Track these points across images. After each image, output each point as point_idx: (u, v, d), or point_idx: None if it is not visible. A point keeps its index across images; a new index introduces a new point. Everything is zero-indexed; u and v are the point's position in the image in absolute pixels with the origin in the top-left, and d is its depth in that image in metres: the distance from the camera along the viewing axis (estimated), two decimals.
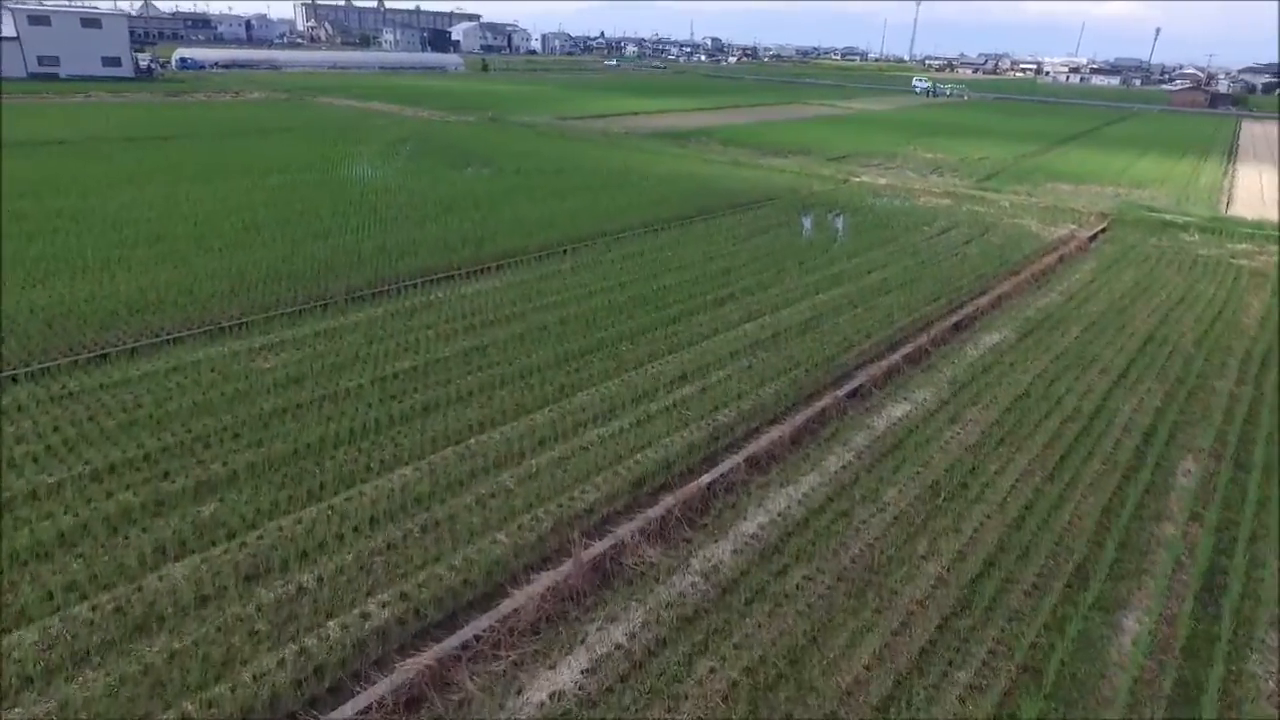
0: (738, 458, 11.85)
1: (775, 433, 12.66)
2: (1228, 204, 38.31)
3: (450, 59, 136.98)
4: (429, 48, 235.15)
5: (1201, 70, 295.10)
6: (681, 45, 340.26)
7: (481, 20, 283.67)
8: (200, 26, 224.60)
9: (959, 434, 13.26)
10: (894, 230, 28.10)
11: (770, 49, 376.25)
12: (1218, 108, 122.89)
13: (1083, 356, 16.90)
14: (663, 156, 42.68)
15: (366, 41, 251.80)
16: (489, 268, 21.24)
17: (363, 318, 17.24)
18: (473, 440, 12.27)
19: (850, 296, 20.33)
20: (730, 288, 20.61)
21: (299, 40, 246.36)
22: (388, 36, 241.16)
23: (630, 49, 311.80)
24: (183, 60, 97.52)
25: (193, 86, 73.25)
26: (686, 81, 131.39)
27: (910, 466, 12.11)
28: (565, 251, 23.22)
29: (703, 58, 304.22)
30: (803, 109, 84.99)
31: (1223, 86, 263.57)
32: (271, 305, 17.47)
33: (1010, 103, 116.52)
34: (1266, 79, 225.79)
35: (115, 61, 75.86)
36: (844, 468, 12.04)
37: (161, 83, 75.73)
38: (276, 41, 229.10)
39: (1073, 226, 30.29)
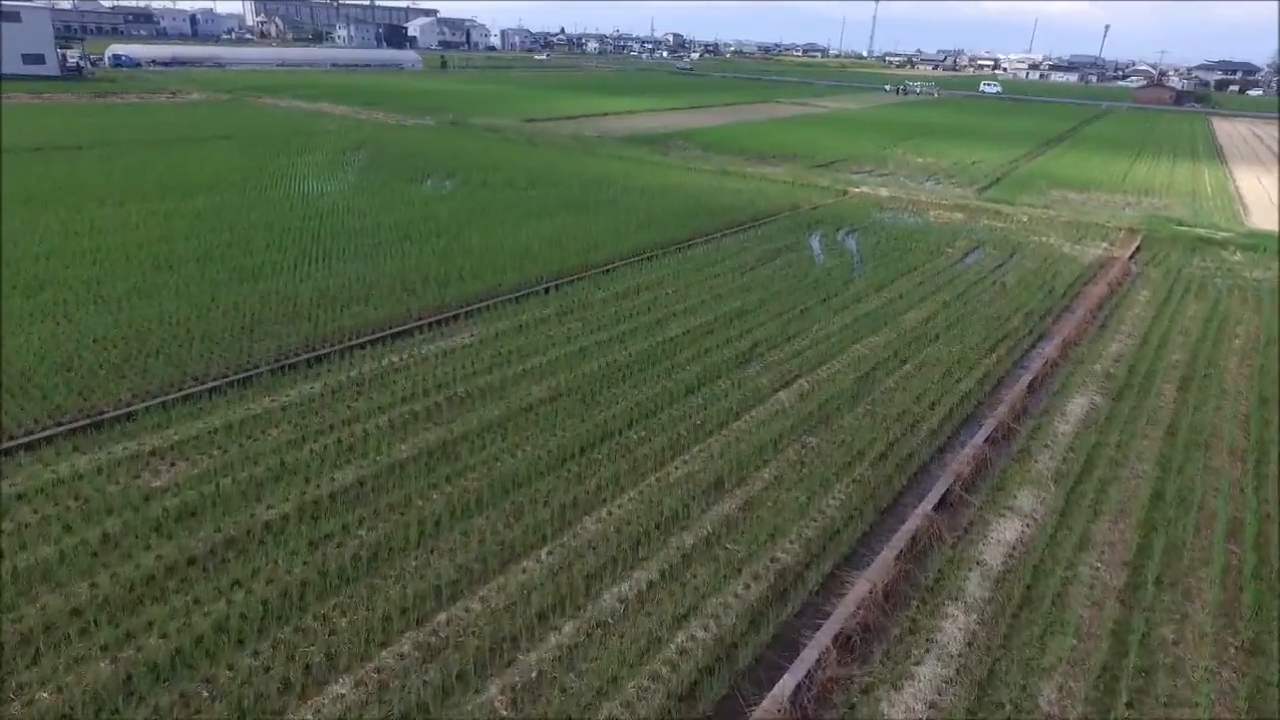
0: (823, 638, 8.32)
1: (861, 585, 9.16)
2: (1244, 214, 35.95)
3: (407, 56, 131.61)
4: (385, 44, 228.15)
5: (1153, 67, 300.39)
6: (643, 42, 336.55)
7: (439, 15, 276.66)
8: (141, 21, 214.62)
9: (1099, 570, 9.89)
10: (915, 254, 24.87)
11: (730, 45, 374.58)
12: (1183, 105, 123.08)
13: (1198, 431, 13.71)
14: (644, 165, 39.03)
15: (320, 37, 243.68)
16: (456, 315, 17.42)
17: (294, 398, 13.34)
18: (441, 619, 8.55)
19: (893, 345, 16.96)
20: (750, 336, 17.11)
21: (248, 36, 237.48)
22: (341, 32, 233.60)
23: (591, 45, 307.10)
24: (117, 57, 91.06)
25: (125, 86, 67.56)
26: (654, 79, 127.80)
27: (1059, 637, 8.69)
28: (547, 290, 19.49)
29: (665, 54, 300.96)
30: (777, 108, 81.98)
31: (1174, 83, 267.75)
32: (174, 382, 13.48)
33: (980, 101, 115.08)
34: (1219, 76, 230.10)
35: (38, 59, 69.75)
36: (969, 644, 8.57)
37: (90, 82, 69.80)
38: (224, 37, 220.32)
39: (1104, 245, 27.38)
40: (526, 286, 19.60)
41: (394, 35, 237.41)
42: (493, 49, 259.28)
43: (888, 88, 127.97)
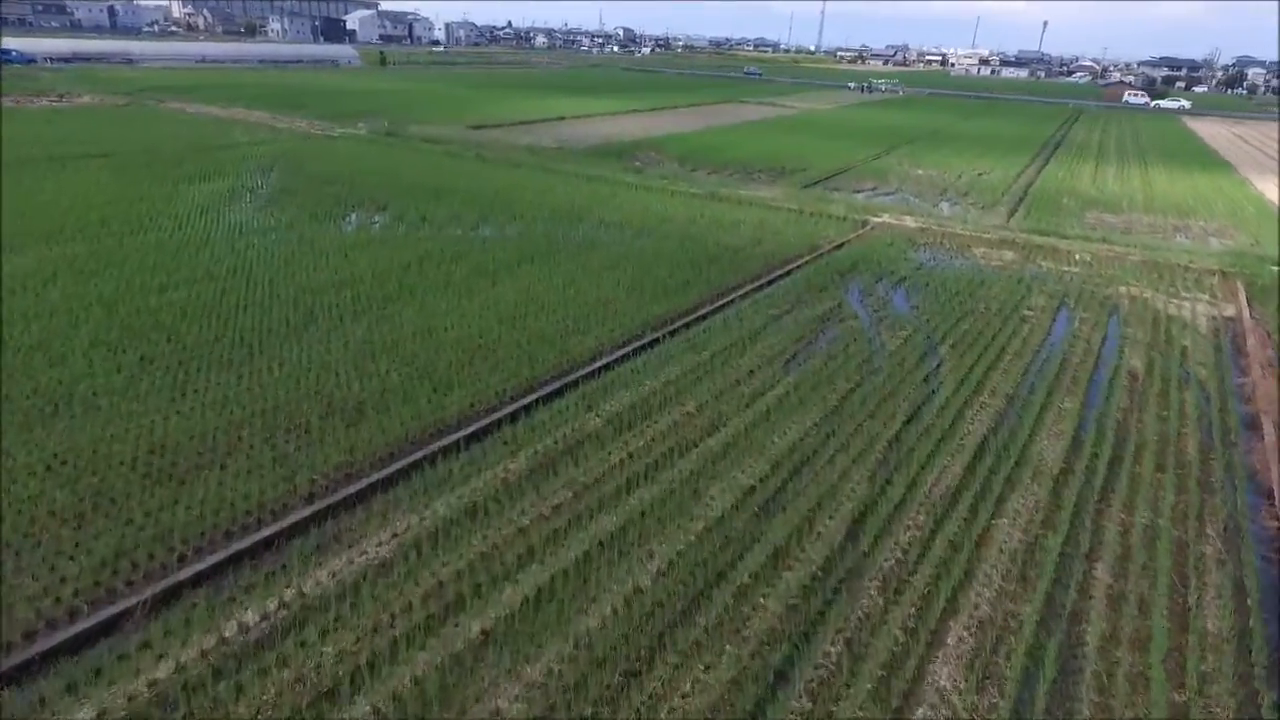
0: None
1: None
2: None
3: (344, 51, 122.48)
4: (321, 38, 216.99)
5: (1097, 63, 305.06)
6: (593, 36, 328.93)
7: (380, 8, 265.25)
8: (53, 12, 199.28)
9: None
10: (989, 319, 19.06)
11: (680, 40, 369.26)
12: (1146, 104, 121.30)
13: None
14: (618, 189, 32.61)
15: (252, 30, 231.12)
16: (366, 490, 10.87)
17: None
18: None
19: (1054, 518, 11.01)
20: (835, 508, 10.96)
21: (173, 30, 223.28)
22: (275, 26, 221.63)
23: (540, 39, 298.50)
24: (5, 53, 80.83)
25: (9, 87, 58.42)
26: (606, 77, 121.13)
27: None
28: (514, 418, 13.04)
29: (615, 49, 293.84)
30: (745, 109, 76.24)
31: (1115, 77, 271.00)
32: None
33: (947, 99, 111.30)
34: (1165, 72, 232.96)
35: None
36: None
37: None
38: (146, 30, 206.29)
39: (1206, 299, 21.99)
40: (481, 411, 13.13)
41: (331, 29, 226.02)
42: (437, 44, 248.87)
43: (851, 85, 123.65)
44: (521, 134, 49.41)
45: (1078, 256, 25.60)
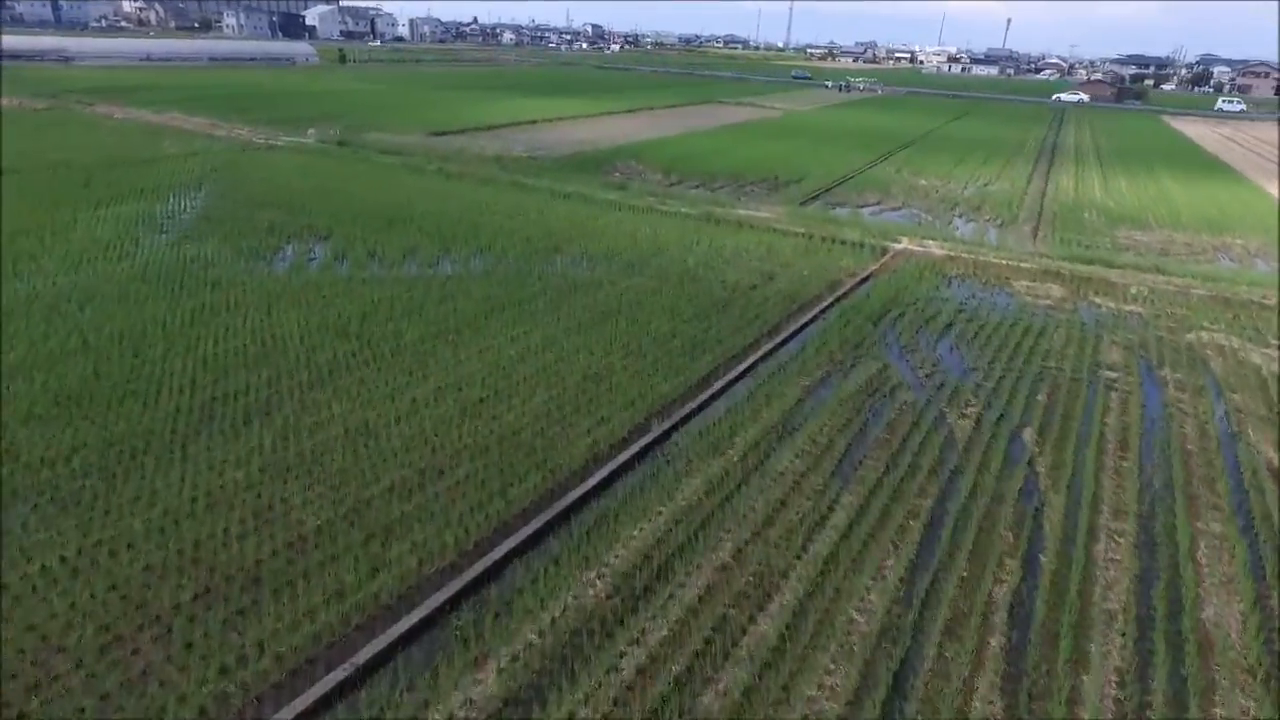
0: None
1: None
2: None
3: (300, 49, 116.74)
4: (280, 34, 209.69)
5: (1064, 60, 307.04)
6: (561, 33, 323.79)
7: (341, 4, 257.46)
8: None
9: None
10: (1072, 390, 15.47)
11: (649, 36, 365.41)
12: (1122, 102, 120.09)
13: None
14: (600, 209, 28.69)
15: (207, 26, 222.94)
16: None
17: None
18: None
19: None
20: None
21: (122, 25, 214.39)
22: (230, 21, 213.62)
23: (507, 36, 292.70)
24: None
25: None
26: (578, 75, 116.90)
27: None
28: (477, 613, 9.12)
29: (584, 45, 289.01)
30: (724, 110, 72.62)
31: (1081, 75, 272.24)
32: None
33: (927, 99, 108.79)
34: (1134, 70, 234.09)
35: None
36: None
37: None
38: (93, 25, 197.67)
39: None
40: (432, 576, 9.18)
41: (290, 24, 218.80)
42: (401, 40, 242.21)
43: (829, 84, 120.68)
44: (490, 141, 45.21)
45: (1134, 290, 22.21)
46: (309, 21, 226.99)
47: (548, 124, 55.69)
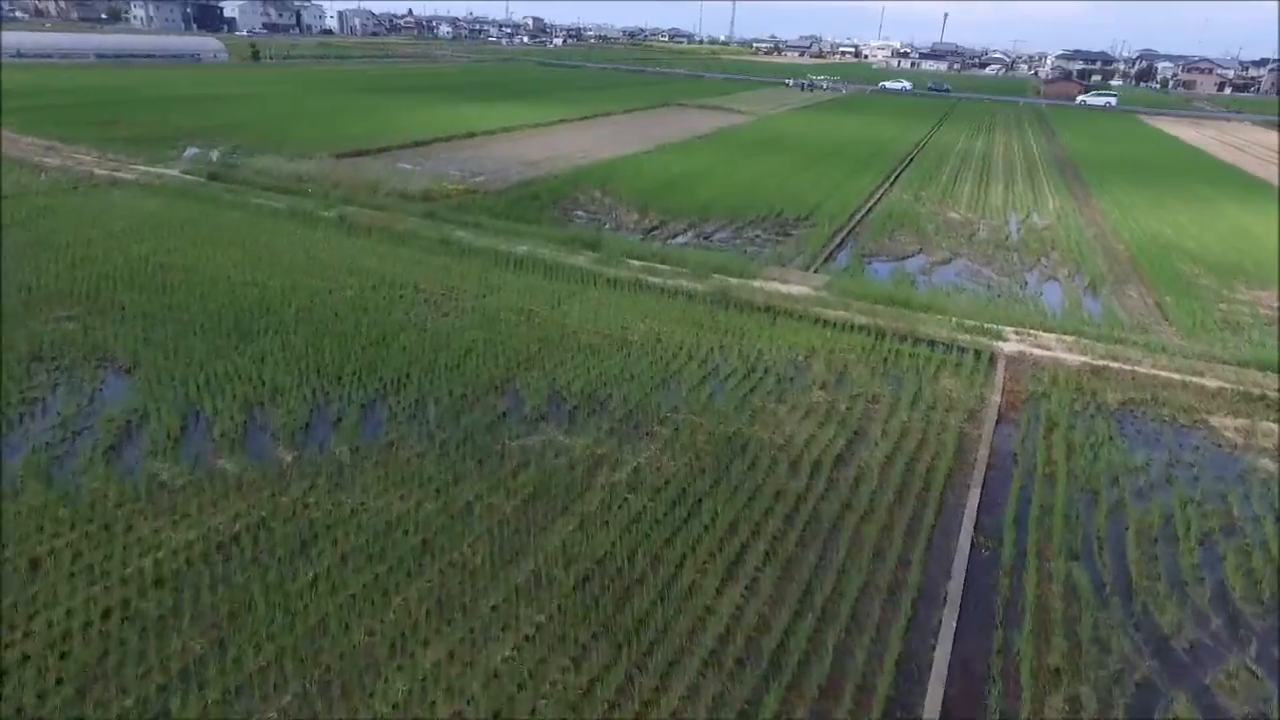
0: None
1: None
2: None
3: (207, 44, 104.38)
4: (194, 26, 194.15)
5: (1007, 55, 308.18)
6: (501, 26, 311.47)
7: None
8: None
9: None
10: None
11: (591, 30, 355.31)
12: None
13: None
14: (565, 285, 20.13)
15: (115, 17, 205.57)
16: None
17: None
18: None
19: None
20: None
21: (17, 15, 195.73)
22: (138, 11, 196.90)
23: (444, 29, 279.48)
24: None
25: None
26: (521, 73, 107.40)
27: None
28: None
29: (525, 39, 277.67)
30: (689, 116, 64.52)
31: (1025, 70, 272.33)
32: None
33: (895, 99, 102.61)
34: (1080, 66, 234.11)
35: None
36: None
37: None
38: None
39: None
40: None
41: (206, 17, 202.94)
42: (329, 33, 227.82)
43: (790, 82, 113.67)
44: (417, 162, 36.15)
45: None
46: (227, 14, 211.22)
47: (490, 137, 46.74)
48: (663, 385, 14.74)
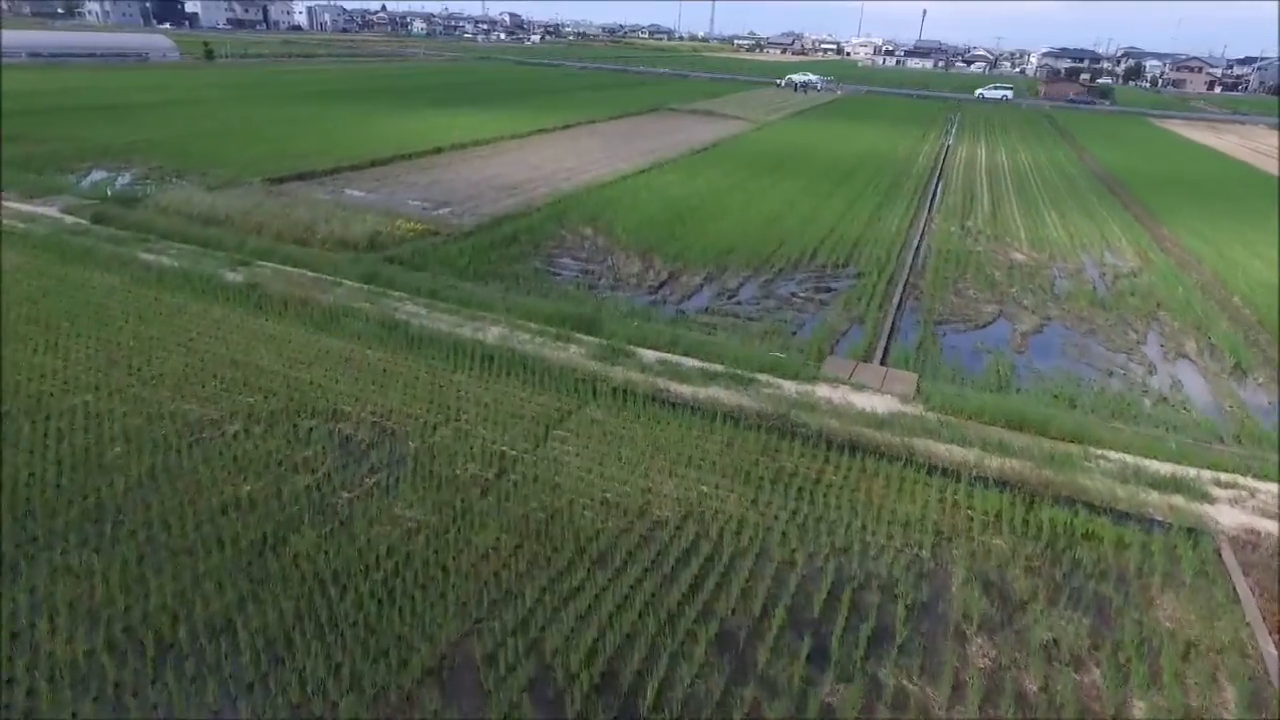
0: None
1: None
2: None
3: (157, 42, 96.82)
4: (154, 21, 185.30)
5: (990, 53, 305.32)
6: (478, 22, 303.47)
7: None
8: None
9: None
10: None
11: (569, 26, 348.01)
12: (1093, 101, 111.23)
13: None
14: (556, 415, 14.09)
15: (71, 13, 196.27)
16: None
17: None
18: None
19: None
20: None
21: None
22: (93, 6, 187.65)
23: (418, 25, 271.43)
24: None
25: None
26: (497, 73, 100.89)
27: None
28: None
29: (502, 36, 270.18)
30: (681, 123, 58.60)
31: (1005, 68, 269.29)
32: None
33: (893, 100, 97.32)
34: (1068, 64, 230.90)
35: None
36: None
37: None
38: None
39: None
40: None
41: (167, 12, 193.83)
42: (299, 29, 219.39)
43: (780, 83, 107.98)
44: (368, 190, 29.96)
45: None
46: (190, 8, 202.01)
47: (461, 152, 40.55)
48: (718, 646, 8.78)
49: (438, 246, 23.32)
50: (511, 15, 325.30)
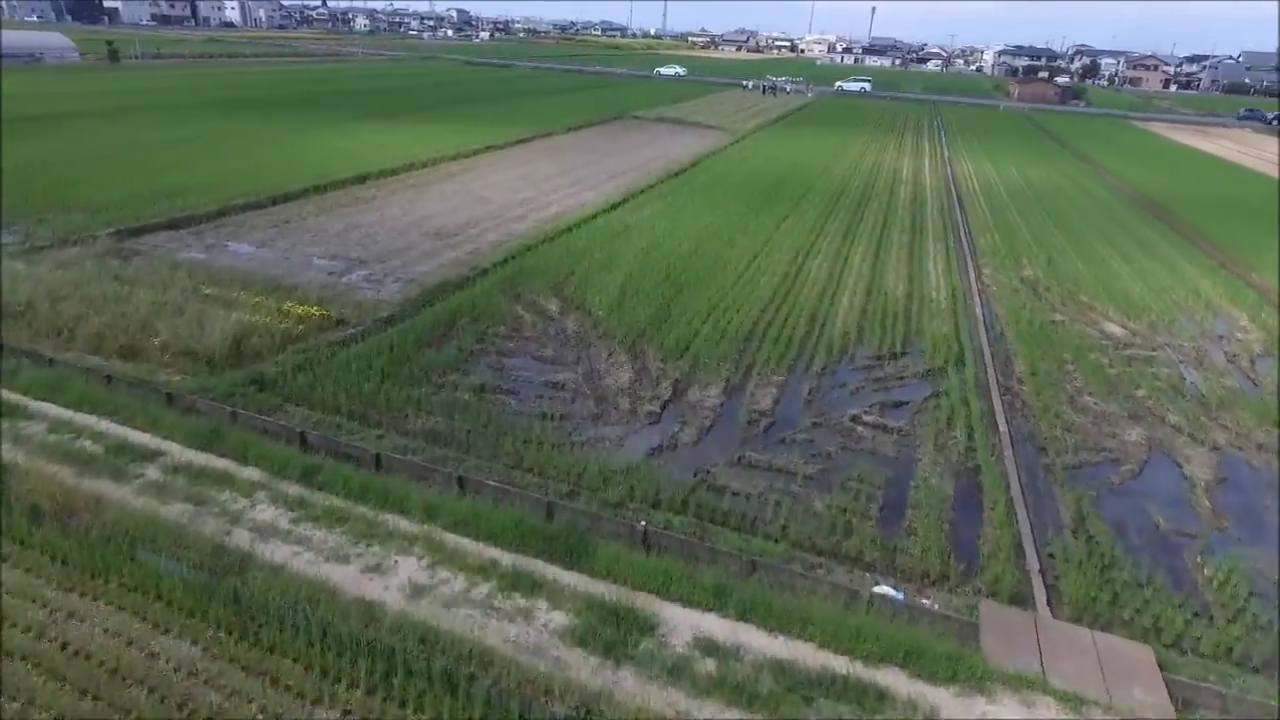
0: None
1: None
2: None
3: (53, 41, 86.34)
4: (68, 17, 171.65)
5: (944, 50, 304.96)
6: (424, 19, 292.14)
7: None
8: None
9: None
10: None
11: (520, 23, 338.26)
12: (1066, 103, 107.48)
13: None
14: None
15: None
16: None
17: None
18: None
19: None
20: None
21: None
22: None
23: (360, 22, 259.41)
24: None
25: None
26: (443, 75, 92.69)
27: None
28: None
29: (450, 33, 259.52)
30: (649, 135, 51.66)
31: (961, 66, 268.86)
32: None
33: (869, 103, 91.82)
34: (1026, 62, 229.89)
35: None
36: None
37: None
38: None
39: None
40: None
41: (84, 8, 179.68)
42: (230, 26, 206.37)
43: (749, 85, 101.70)
44: (259, 239, 22.39)
45: None
46: (110, 4, 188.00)
47: (390, 180, 33.06)
48: None
49: (337, 351, 16.03)
50: (459, 11, 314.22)
